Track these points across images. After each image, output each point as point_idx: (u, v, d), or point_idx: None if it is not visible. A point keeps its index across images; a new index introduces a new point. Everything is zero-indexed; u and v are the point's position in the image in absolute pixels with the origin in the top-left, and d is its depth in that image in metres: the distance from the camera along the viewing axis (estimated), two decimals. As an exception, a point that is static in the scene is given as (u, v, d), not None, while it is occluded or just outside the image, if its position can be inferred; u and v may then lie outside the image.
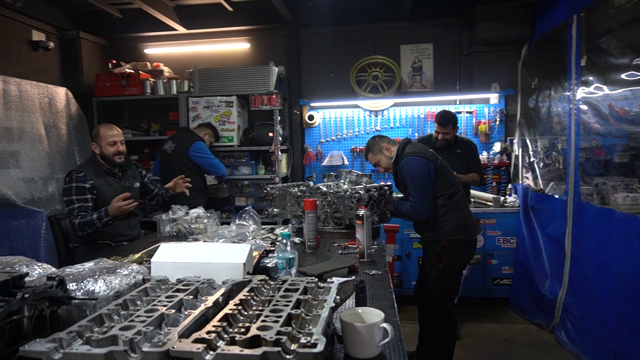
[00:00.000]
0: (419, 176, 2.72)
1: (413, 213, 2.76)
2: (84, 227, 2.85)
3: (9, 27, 4.33)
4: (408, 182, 2.76)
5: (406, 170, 2.75)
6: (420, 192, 2.72)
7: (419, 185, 2.72)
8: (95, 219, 2.85)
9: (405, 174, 2.76)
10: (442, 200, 2.77)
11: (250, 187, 4.83)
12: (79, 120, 4.53)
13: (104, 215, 2.86)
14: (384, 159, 2.94)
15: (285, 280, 1.26)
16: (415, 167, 2.73)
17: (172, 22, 4.88)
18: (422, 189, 2.72)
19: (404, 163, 2.76)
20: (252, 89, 4.70)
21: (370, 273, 1.88)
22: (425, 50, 5.10)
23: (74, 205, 2.87)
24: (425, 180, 2.72)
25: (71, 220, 2.88)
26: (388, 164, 2.94)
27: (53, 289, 1.09)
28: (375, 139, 2.99)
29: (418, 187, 2.72)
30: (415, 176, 2.72)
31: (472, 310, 4.28)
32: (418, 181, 2.72)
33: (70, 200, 2.88)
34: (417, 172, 2.72)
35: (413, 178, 2.73)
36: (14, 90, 3.74)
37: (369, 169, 5.06)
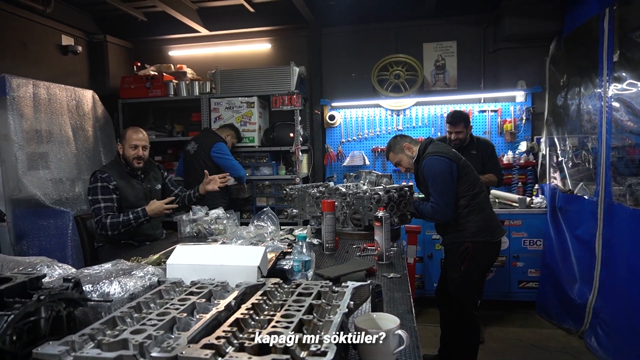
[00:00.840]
0: (441, 176, 2.66)
1: (434, 214, 2.70)
2: (118, 227, 2.89)
3: (40, 32, 4.47)
4: (429, 182, 2.71)
5: (427, 169, 2.70)
6: (441, 192, 2.66)
7: (440, 185, 2.66)
8: (132, 218, 2.90)
9: (427, 174, 2.70)
10: (464, 201, 2.70)
11: (271, 187, 4.84)
12: (105, 122, 4.63)
13: (141, 215, 2.91)
14: (405, 159, 2.89)
15: (299, 284, 1.24)
16: (436, 167, 2.67)
17: (194, 24, 4.94)
18: (444, 188, 2.66)
19: (426, 163, 2.71)
20: (273, 89, 4.71)
21: (388, 276, 1.84)
22: (449, 48, 5.00)
23: (100, 205, 2.93)
24: (447, 180, 2.66)
25: (99, 219, 2.93)
26: (409, 164, 2.89)
27: (69, 290, 1.10)
28: (396, 139, 2.95)
29: (439, 187, 2.66)
30: (437, 176, 2.66)
31: (497, 313, 4.17)
32: (440, 181, 2.66)
33: (96, 199, 2.94)
34: (438, 171, 2.66)
35: (435, 178, 2.67)
36: (43, 93, 3.85)
37: (391, 169, 5.00)
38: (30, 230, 3.66)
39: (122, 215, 2.91)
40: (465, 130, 3.62)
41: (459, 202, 2.70)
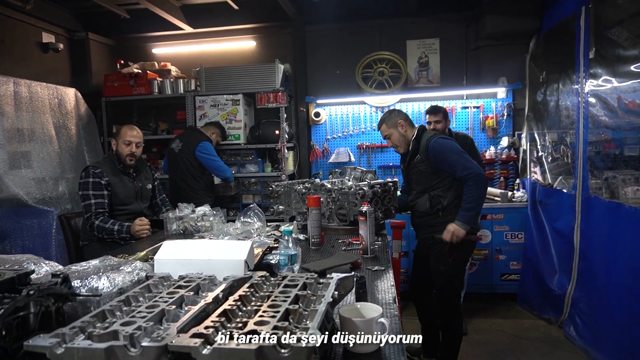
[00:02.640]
0: (457, 149, 2.72)
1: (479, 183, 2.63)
2: (102, 232, 2.93)
3: (20, 29, 4.40)
4: (447, 160, 2.69)
5: (440, 148, 2.70)
6: (466, 159, 2.67)
7: (460, 155, 2.68)
8: (115, 230, 2.91)
9: (440, 152, 2.70)
10: (456, 192, 2.75)
11: (257, 184, 4.86)
12: (88, 121, 4.59)
13: (124, 231, 2.92)
14: (396, 135, 2.90)
15: (285, 277, 1.27)
16: (449, 144, 2.73)
17: (178, 21, 4.91)
18: (466, 157, 2.69)
19: (435, 143, 2.72)
20: (258, 86, 4.71)
21: (372, 269, 1.89)
22: (432, 45, 5.07)
23: (90, 201, 2.93)
24: (463, 152, 2.72)
25: (89, 217, 2.93)
26: (398, 141, 2.90)
27: (57, 285, 1.12)
28: (393, 112, 2.97)
29: (461, 157, 2.67)
30: (454, 150, 2.71)
31: (480, 305, 4.27)
32: (459, 152, 2.70)
33: (86, 195, 2.94)
34: (453, 147, 2.72)
35: (452, 152, 2.69)
36: (24, 91, 3.80)
37: (376, 165, 5.06)
38: (12, 230, 3.61)
39: (109, 223, 2.92)
40: (444, 122, 3.67)
41: (450, 193, 2.76)
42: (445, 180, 2.79)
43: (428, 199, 2.82)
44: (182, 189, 4.13)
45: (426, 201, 2.83)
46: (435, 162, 2.74)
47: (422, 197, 2.87)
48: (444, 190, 2.80)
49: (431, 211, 2.83)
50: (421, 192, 2.88)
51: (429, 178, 2.82)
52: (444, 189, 2.80)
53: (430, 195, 2.82)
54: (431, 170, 2.78)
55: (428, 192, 2.83)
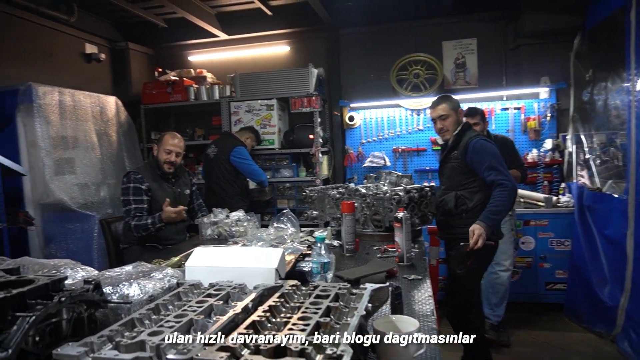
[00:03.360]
0: (497, 154, 2.61)
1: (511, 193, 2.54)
2: (139, 230, 2.96)
3: (65, 41, 4.60)
4: (484, 162, 2.58)
5: (480, 149, 2.61)
6: (504, 168, 2.58)
7: (499, 162, 2.58)
8: (149, 223, 2.95)
9: (478, 154, 2.60)
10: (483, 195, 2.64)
11: (291, 189, 4.85)
12: (128, 128, 4.72)
13: (157, 221, 2.95)
14: (452, 119, 2.76)
15: (317, 286, 1.23)
16: (489, 147, 2.62)
17: (213, 29, 5.00)
18: (502, 164, 2.59)
19: (477, 143, 2.62)
20: (292, 91, 4.71)
21: (409, 278, 1.81)
22: (469, 46, 4.91)
23: (130, 206, 2.99)
24: (500, 159, 2.62)
25: (127, 221, 3.00)
26: (451, 126, 2.77)
27: (89, 292, 1.12)
28: (452, 98, 2.85)
29: (499, 164, 2.58)
30: (494, 154, 2.60)
31: (523, 316, 4.07)
32: (496, 158, 2.59)
33: (127, 200, 3.00)
34: (492, 151, 2.61)
35: (491, 156, 2.59)
36: (68, 100, 3.95)
37: (412, 169, 4.95)
38: (58, 234, 3.75)
39: (143, 219, 2.96)
40: (482, 124, 3.52)
41: (478, 196, 2.65)
42: (475, 182, 2.68)
43: (454, 197, 2.71)
44: (217, 194, 4.17)
45: (452, 199, 2.72)
46: (472, 162, 2.64)
47: (448, 194, 2.76)
48: (471, 192, 2.68)
49: (455, 211, 2.71)
50: (449, 189, 2.78)
51: (459, 176, 2.72)
52: (472, 191, 2.69)
53: (457, 194, 2.71)
54: (464, 169, 2.68)
55: (456, 191, 2.72)
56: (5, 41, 3.96)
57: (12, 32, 4.03)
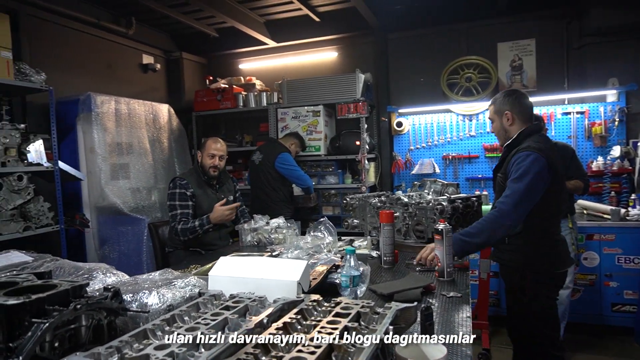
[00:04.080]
0: (530, 176, 2.08)
1: (500, 222, 2.08)
2: (186, 233, 3.02)
3: (124, 53, 4.85)
4: (511, 176, 2.16)
5: (515, 163, 2.17)
6: (522, 191, 2.07)
7: (523, 184, 2.08)
8: (197, 226, 3.00)
9: (513, 167, 2.17)
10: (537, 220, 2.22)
11: (337, 196, 4.79)
12: (179, 134, 4.88)
13: (205, 222, 3.00)
14: (496, 124, 2.40)
15: (339, 303, 1.16)
16: (528, 164, 2.11)
17: (262, 37, 5.07)
18: (526, 195, 2.08)
19: (519, 156, 2.17)
20: (338, 97, 4.66)
21: (448, 295, 1.68)
22: (527, 47, 4.63)
23: (176, 211, 3.07)
24: (533, 184, 2.09)
25: (174, 225, 3.08)
26: (498, 133, 2.42)
27: (107, 300, 1.11)
28: (506, 98, 2.37)
29: (520, 187, 2.08)
30: (525, 174, 2.09)
31: (585, 338, 3.73)
32: (525, 184, 2.08)
33: (173, 205, 3.09)
34: (530, 171, 2.09)
35: (520, 174, 2.11)
36: (124, 109, 4.15)
37: (463, 177, 4.73)
38: (111, 236, 3.93)
39: (190, 222, 3.02)
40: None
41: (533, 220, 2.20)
42: None
43: None
44: (262, 200, 4.19)
45: None
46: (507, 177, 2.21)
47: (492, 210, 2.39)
48: None
49: None
50: (494, 206, 2.36)
51: (501, 193, 2.27)
52: None
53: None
54: (505, 185, 2.26)
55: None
56: (69, 54, 4.23)
57: (75, 45, 4.30)
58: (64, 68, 4.16)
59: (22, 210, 3.20)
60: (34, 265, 1.76)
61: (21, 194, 3.16)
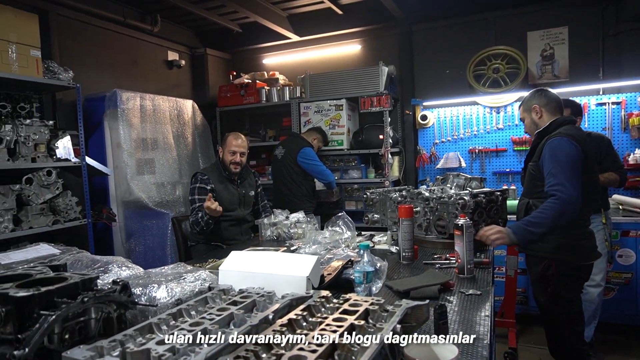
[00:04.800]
0: (570, 157, 2.13)
1: (563, 208, 2.04)
2: (194, 226, 3.04)
3: (149, 50, 4.93)
4: (550, 164, 2.16)
5: (550, 150, 2.18)
6: (567, 177, 2.08)
7: (562, 166, 2.10)
8: (199, 217, 2.98)
9: (546, 154, 2.19)
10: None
11: (359, 191, 4.73)
12: (203, 130, 4.93)
13: (203, 214, 2.93)
14: (528, 120, 2.47)
15: (348, 299, 1.12)
16: (565, 147, 2.14)
17: (285, 31, 5.05)
18: (570, 170, 2.10)
19: (552, 143, 2.20)
20: (361, 91, 4.60)
21: (467, 292, 1.62)
22: (559, 35, 4.43)
23: (195, 205, 3.09)
24: (575, 164, 2.13)
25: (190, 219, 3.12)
26: (530, 129, 2.48)
27: (116, 293, 1.12)
28: (533, 95, 2.46)
29: (563, 171, 2.09)
30: (562, 157, 2.13)
31: (619, 339, 3.57)
32: (563, 162, 2.12)
33: (193, 199, 3.12)
34: (566, 152, 2.13)
35: (557, 159, 2.13)
36: (149, 105, 4.21)
37: (490, 171, 4.59)
38: (137, 230, 4.01)
39: (196, 214, 3.01)
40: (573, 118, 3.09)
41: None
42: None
43: (524, 206, 2.37)
44: (284, 194, 4.19)
45: (522, 208, 2.39)
46: (542, 165, 2.24)
47: (521, 202, 2.46)
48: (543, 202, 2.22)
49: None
50: (524, 197, 2.46)
51: (534, 183, 2.34)
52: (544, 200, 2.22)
53: (528, 202, 2.35)
54: (539, 174, 2.27)
55: (529, 198, 2.38)
56: (97, 51, 4.33)
57: (102, 43, 4.39)
58: (92, 65, 4.26)
59: (51, 204, 3.30)
60: (60, 257, 1.81)
61: (50, 188, 3.25)
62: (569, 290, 2.27)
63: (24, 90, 3.38)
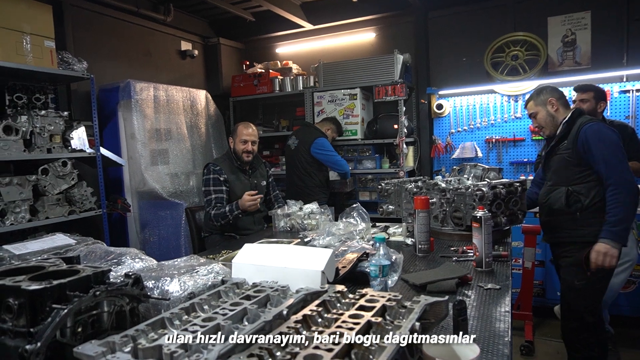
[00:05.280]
0: (615, 142, 2.23)
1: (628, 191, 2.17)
2: (218, 219, 3.05)
3: (162, 40, 4.92)
4: (593, 150, 2.24)
5: (592, 135, 2.25)
6: (619, 160, 2.21)
7: (614, 152, 2.21)
8: (227, 211, 3.02)
9: (590, 140, 2.25)
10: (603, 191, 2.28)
11: (373, 181, 4.68)
12: (216, 120, 4.92)
13: (234, 208, 3.02)
14: (542, 114, 2.49)
15: (364, 295, 1.09)
16: (607, 134, 2.25)
17: (299, 19, 4.98)
18: (622, 156, 2.23)
19: (589, 128, 2.27)
20: (376, 80, 4.53)
21: (485, 287, 1.58)
22: (581, 20, 4.29)
23: (211, 196, 3.10)
24: (622, 150, 2.25)
25: (208, 210, 3.12)
26: (544, 122, 2.49)
27: (128, 287, 1.10)
28: (545, 89, 2.54)
29: (613, 155, 2.21)
30: (608, 142, 2.22)
31: (637, 334, 3.48)
32: (611, 147, 2.22)
33: (208, 190, 3.12)
34: (611, 139, 2.23)
35: (604, 144, 2.22)
36: (162, 95, 4.21)
37: (507, 161, 4.50)
38: (151, 220, 4.03)
39: (222, 208, 3.03)
40: (594, 102, 3.00)
41: (594, 192, 2.29)
42: (591, 176, 2.30)
43: (565, 194, 2.35)
44: (297, 185, 4.17)
45: (562, 196, 2.36)
46: (584, 152, 2.28)
47: (557, 190, 2.41)
48: (587, 188, 2.31)
49: (568, 210, 2.35)
50: (557, 185, 2.42)
51: (571, 170, 2.35)
52: (588, 187, 2.31)
53: (568, 190, 2.35)
54: (576, 160, 2.32)
55: (566, 186, 2.36)
56: (110, 42, 4.32)
57: (116, 34, 4.39)
58: (105, 56, 4.26)
59: (67, 194, 3.33)
60: (75, 248, 1.82)
61: (66, 179, 3.27)
62: (606, 274, 2.32)
63: (39, 82, 3.39)
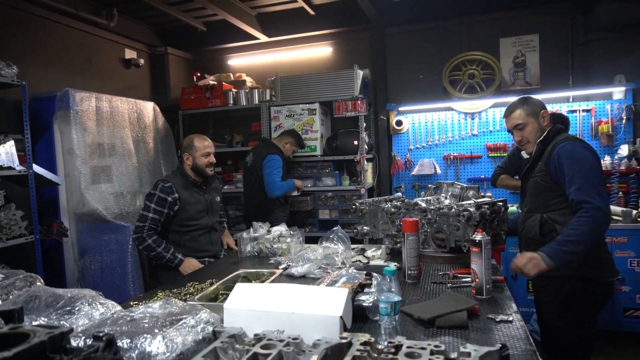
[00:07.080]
0: (590, 165, 1.99)
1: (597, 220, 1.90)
2: (150, 251, 2.77)
3: (104, 47, 4.52)
4: (572, 171, 1.98)
5: (564, 155, 2.02)
6: (592, 184, 1.94)
7: (584, 173, 1.96)
8: (166, 259, 2.76)
9: (567, 160, 2.01)
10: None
11: (334, 199, 4.54)
12: (165, 134, 4.57)
13: (177, 263, 2.76)
14: (533, 126, 2.20)
15: (399, 346, 0.91)
16: (583, 154, 2.01)
17: (254, 30, 4.79)
18: (597, 180, 1.97)
19: (562, 148, 2.04)
20: (335, 94, 4.42)
21: (496, 319, 1.45)
22: (530, 42, 4.47)
23: (149, 214, 2.75)
24: (598, 171, 2.01)
25: (141, 229, 2.75)
26: (533, 136, 2.21)
27: (99, 352, 0.84)
28: (531, 99, 2.26)
29: (586, 177, 1.95)
30: (583, 163, 1.98)
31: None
32: (585, 168, 1.97)
33: (148, 206, 2.77)
34: (587, 159, 2.00)
35: (578, 164, 1.98)
36: (105, 106, 3.82)
37: (465, 178, 4.54)
38: (92, 245, 3.60)
39: (162, 247, 2.74)
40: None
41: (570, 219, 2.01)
42: (567, 202, 2.05)
43: (539, 222, 2.16)
44: (255, 204, 3.93)
45: (536, 224, 2.16)
46: (555, 174, 2.06)
47: (531, 217, 2.22)
48: (562, 214, 2.07)
49: (542, 240, 2.10)
50: (532, 212, 2.23)
51: (545, 194, 2.13)
52: (563, 212, 2.07)
53: (542, 218, 2.15)
54: (551, 184, 2.10)
55: (541, 214, 2.17)
56: (45, 46, 3.88)
57: (52, 38, 3.95)
58: (40, 62, 3.81)
59: (-8, 219, 2.87)
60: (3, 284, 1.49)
61: (-10, 201, 2.82)
62: (591, 312, 2.11)
63: (-42, 88, 2.93)
